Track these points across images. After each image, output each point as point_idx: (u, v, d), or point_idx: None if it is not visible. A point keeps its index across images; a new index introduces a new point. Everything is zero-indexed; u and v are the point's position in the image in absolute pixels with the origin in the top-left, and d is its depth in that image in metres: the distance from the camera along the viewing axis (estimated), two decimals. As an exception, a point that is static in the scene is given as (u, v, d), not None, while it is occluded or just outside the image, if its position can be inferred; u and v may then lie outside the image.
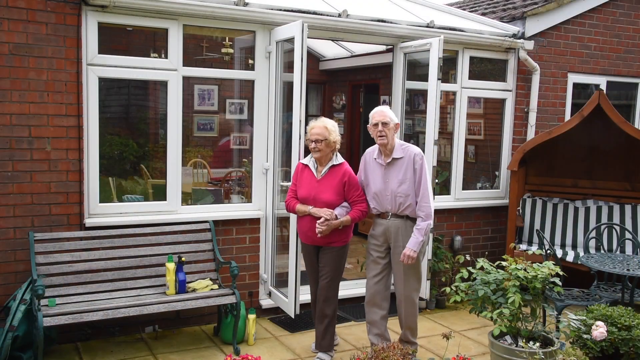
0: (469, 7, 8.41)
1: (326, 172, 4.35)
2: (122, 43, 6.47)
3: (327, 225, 4.21)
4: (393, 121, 4.26)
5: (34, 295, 4.07)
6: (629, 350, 3.80)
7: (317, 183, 4.35)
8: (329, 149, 4.32)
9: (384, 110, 4.31)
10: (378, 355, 3.21)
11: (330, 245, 4.37)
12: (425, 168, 4.26)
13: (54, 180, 4.58)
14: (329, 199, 4.30)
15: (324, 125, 4.31)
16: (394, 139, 4.31)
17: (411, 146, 4.33)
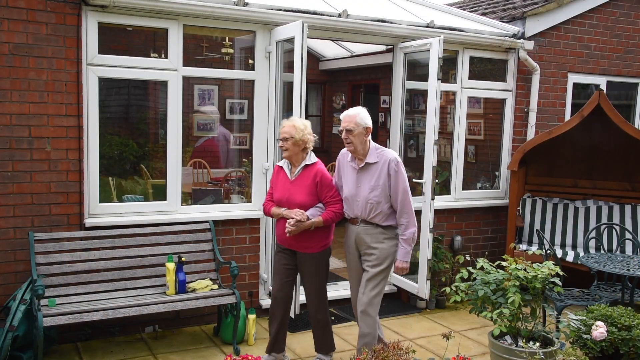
0: (469, 7, 8.41)
1: (299, 173, 4.17)
2: (122, 43, 6.47)
3: (296, 225, 4.02)
4: (361, 126, 3.99)
5: (34, 295, 4.07)
6: (629, 351, 3.80)
7: (290, 184, 4.19)
8: (297, 148, 4.12)
9: (350, 114, 4.05)
10: (378, 355, 3.21)
11: (308, 251, 4.18)
12: (402, 173, 4.04)
13: (54, 180, 4.58)
14: (302, 200, 4.12)
15: (293, 124, 4.13)
16: (366, 143, 4.06)
17: (387, 151, 4.11)
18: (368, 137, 4.06)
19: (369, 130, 4.05)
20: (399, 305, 5.98)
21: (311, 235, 4.12)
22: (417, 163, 6.39)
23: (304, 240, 4.14)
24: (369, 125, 4.04)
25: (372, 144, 4.10)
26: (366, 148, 4.07)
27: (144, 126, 7.52)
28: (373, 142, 4.12)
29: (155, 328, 5.03)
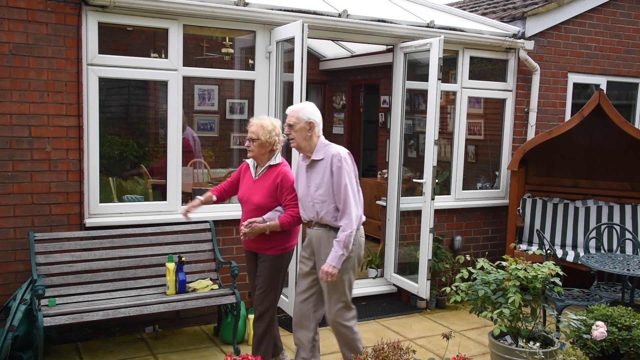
0: (469, 7, 8.41)
1: (263, 173, 3.99)
2: (122, 43, 6.48)
3: (250, 228, 3.82)
4: (303, 120, 3.74)
5: (34, 295, 4.07)
6: (629, 350, 3.80)
7: (252, 183, 4.01)
8: (263, 150, 3.94)
9: (294, 109, 3.84)
10: (378, 355, 3.21)
11: (265, 252, 3.99)
12: (345, 170, 3.70)
13: (54, 180, 4.58)
14: (259, 200, 3.92)
15: (261, 123, 3.94)
16: (311, 139, 3.78)
17: (333, 146, 3.81)
18: (312, 132, 3.77)
19: (313, 125, 3.76)
20: (399, 305, 5.98)
21: (268, 238, 3.92)
22: (417, 163, 6.39)
23: (262, 242, 3.95)
24: (312, 119, 3.76)
25: (321, 141, 3.82)
26: (312, 144, 3.80)
27: (144, 126, 7.52)
28: (324, 139, 3.85)
29: (156, 328, 5.03)
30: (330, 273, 3.68)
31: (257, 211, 3.92)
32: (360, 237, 3.89)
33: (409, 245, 6.16)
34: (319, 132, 3.84)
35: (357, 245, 3.83)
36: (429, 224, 5.61)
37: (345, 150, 3.80)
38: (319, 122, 3.82)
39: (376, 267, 6.32)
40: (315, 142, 3.81)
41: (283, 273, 4.07)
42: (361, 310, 5.77)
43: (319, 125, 3.82)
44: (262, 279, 4.00)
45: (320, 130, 3.85)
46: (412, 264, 6.02)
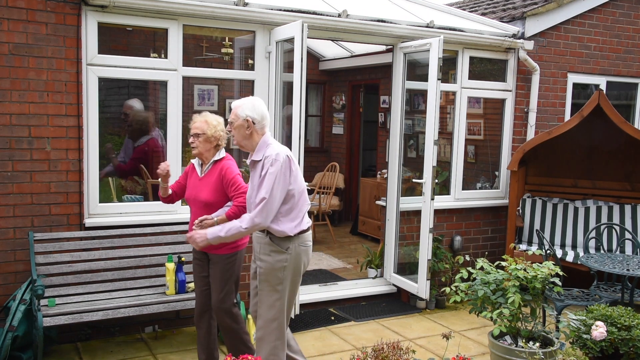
0: (469, 7, 8.42)
1: (208, 170, 3.93)
2: (122, 43, 6.47)
3: (200, 227, 3.69)
4: (240, 118, 3.49)
5: (34, 295, 4.07)
6: (629, 351, 3.80)
7: (199, 182, 3.94)
8: (209, 145, 3.89)
9: (234, 106, 3.59)
10: (378, 355, 3.21)
11: (216, 252, 3.87)
12: (270, 172, 3.39)
13: (53, 180, 4.58)
14: (206, 197, 3.86)
15: (205, 119, 3.89)
16: (251, 137, 3.53)
17: (273, 146, 3.51)
18: (251, 130, 3.51)
19: (250, 122, 3.49)
20: (399, 305, 5.98)
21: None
22: (417, 163, 6.39)
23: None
24: (250, 116, 3.49)
25: (263, 139, 3.54)
26: (253, 143, 3.54)
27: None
28: (269, 137, 3.58)
29: (155, 328, 5.03)
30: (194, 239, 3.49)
31: (207, 209, 3.84)
32: (301, 245, 3.57)
33: (408, 245, 6.16)
34: (262, 130, 3.55)
35: (295, 253, 3.54)
36: (428, 224, 5.61)
37: (285, 152, 3.47)
38: (261, 119, 3.52)
39: (376, 267, 6.32)
40: (256, 141, 3.54)
41: (237, 272, 3.97)
42: (361, 310, 5.78)
43: (261, 122, 3.53)
44: (217, 282, 3.90)
45: (264, 128, 3.56)
46: (412, 264, 6.02)
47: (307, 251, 3.65)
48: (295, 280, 3.62)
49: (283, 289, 3.55)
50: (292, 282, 3.59)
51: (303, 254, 3.60)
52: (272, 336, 3.56)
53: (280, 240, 3.51)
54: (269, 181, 3.38)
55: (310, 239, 3.68)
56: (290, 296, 3.63)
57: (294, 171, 3.51)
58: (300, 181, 3.57)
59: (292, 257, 3.54)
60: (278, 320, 3.57)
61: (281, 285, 3.54)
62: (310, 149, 9.99)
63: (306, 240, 3.63)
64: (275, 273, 3.52)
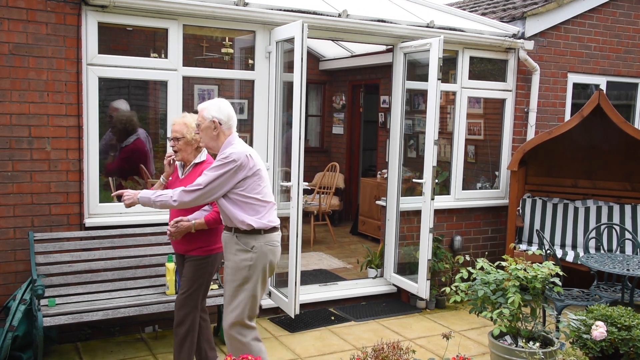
0: (469, 7, 8.42)
1: (188, 172, 3.88)
2: (122, 43, 6.47)
3: (176, 228, 3.70)
4: (207, 119, 3.52)
5: (34, 295, 4.07)
6: (629, 351, 3.80)
7: (179, 183, 3.86)
8: (190, 148, 3.84)
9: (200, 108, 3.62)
10: (378, 355, 3.21)
11: (191, 253, 3.84)
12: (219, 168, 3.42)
13: (53, 180, 4.58)
14: None
15: (184, 121, 3.83)
16: (217, 138, 3.54)
17: (233, 146, 3.52)
18: (218, 131, 3.52)
19: (217, 124, 3.51)
20: (399, 305, 5.98)
21: (194, 238, 3.79)
22: (417, 163, 6.39)
23: (188, 243, 3.82)
24: (216, 118, 3.51)
25: (228, 140, 3.55)
26: (219, 144, 3.56)
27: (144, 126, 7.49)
28: (234, 138, 3.57)
29: (155, 328, 5.03)
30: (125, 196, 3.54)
31: (182, 211, 3.78)
32: (267, 244, 3.57)
33: (408, 245, 6.16)
34: (229, 131, 3.57)
35: (260, 252, 3.54)
36: (428, 224, 5.61)
37: (242, 153, 3.45)
38: (227, 120, 3.54)
39: (376, 267, 6.32)
40: (223, 142, 3.56)
41: (208, 276, 3.90)
42: (361, 310, 5.78)
43: (227, 123, 3.54)
44: (185, 280, 3.84)
45: (231, 129, 3.58)
46: (412, 264, 6.02)
47: (274, 251, 3.61)
48: (263, 280, 3.59)
49: (247, 288, 3.54)
50: (259, 282, 3.57)
51: (269, 253, 3.57)
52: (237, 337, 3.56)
53: (246, 238, 3.52)
54: (213, 175, 3.41)
55: (278, 239, 3.64)
56: (255, 295, 3.60)
57: (254, 169, 3.48)
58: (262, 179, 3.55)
59: (258, 256, 3.52)
60: (241, 319, 3.57)
61: (246, 285, 3.53)
62: (311, 149, 9.99)
63: (273, 240, 3.60)
64: (241, 272, 3.52)
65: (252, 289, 3.56)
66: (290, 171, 5.04)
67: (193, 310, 3.86)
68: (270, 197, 3.63)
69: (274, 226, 3.62)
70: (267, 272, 3.62)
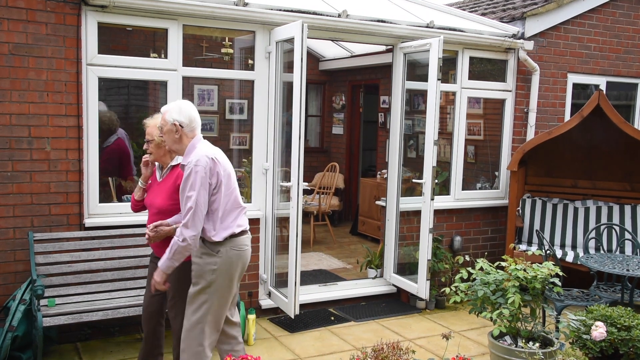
0: (469, 7, 8.42)
1: (165, 174, 3.76)
2: (122, 43, 6.47)
3: (155, 232, 3.58)
4: (169, 122, 3.43)
5: (34, 295, 4.07)
6: (629, 351, 3.80)
7: (157, 186, 3.79)
8: (161, 151, 3.71)
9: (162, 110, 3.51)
10: (378, 356, 3.21)
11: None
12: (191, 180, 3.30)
13: (53, 180, 4.58)
14: (161, 203, 3.69)
15: (155, 123, 3.68)
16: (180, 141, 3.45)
17: (197, 150, 3.40)
18: (180, 134, 3.42)
19: (178, 127, 3.40)
20: (399, 305, 5.98)
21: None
22: (416, 163, 6.39)
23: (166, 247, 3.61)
24: (177, 120, 3.40)
25: (192, 143, 3.44)
26: (183, 147, 3.45)
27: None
28: (198, 140, 3.47)
29: (155, 328, 5.03)
30: (157, 281, 3.41)
31: (160, 215, 3.67)
32: (234, 248, 3.47)
33: (408, 246, 6.16)
34: (192, 133, 3.46)
35: (226, 257, 3.44)
36: (428, 224, 5.61)
37: (204, 157, 3.34)
38: (189, 122, 3.43)
39: (376, 268, 6.32)
40: (186, 145, 3.45)
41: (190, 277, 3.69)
42: (361, 310, 5.78)
43: (189, 125, 3.43)
44: (171, 289, 3.70)
45: (195, 131, 3.47)
46: (412, 264, 6.02)
47: (241, 255, 3.51)
48: (228, 284, 3.49)
49: (211, 292, 3.44)
50: (224, 287, 3.48)
51: (236, 257, 3.48)
52: (194, 341, 3.46)
53: (212, 242, 3.44)
54: (192, 190, 3.29)
55: (246, 242, 3.56)
56: (222, 302, 3.50)
57: (221, 173, 3.38)
58: (230, 183, 3.45)
59: (223, 260, 3.43)
60: (201, 324, 3.46)
61: (209, 289, 3.44)
62: (310, 149, 9.99)
63: (240, 244, 3.51)
64: (204, 276, 3.44)
65: (216, 293, 3.45)
66: (290, 171, 5.04)
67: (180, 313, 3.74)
68: (240, 201, 3.53)
69: (242, 230, 3.52)
70: (234, 277, 3.52)
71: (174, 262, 3.39)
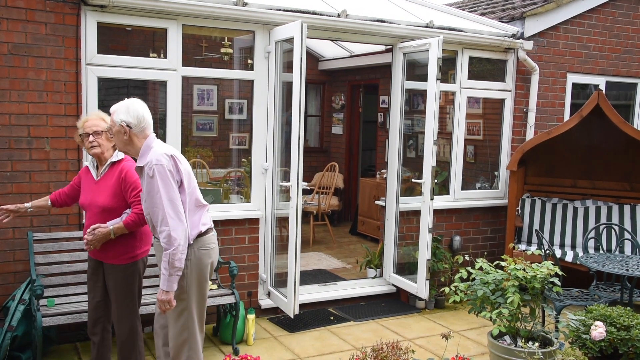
0: (469, 7, 8.42)
1: (105, 172, 3.62)
2: (121, 43, 6.48)
3: (93, 235, 3.45)
4: (117, 123, 3.28)
5: (33, 295, 4.06)
6: (628, 350, 3.80)
7: (95, 185, 3.62)
8: (110, 143, 3.60)
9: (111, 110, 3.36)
10: (377, 356, 3.22)
11: (112, 262, 3.59)
12: (157, 179, 3.14)
13: (53, 180, 4.58)
14: (105, 202, 3.54)
15: (100, 116, 3.63)
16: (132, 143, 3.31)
17: (154, 150, 3.25)
18: (130, 135, 3.27)
19: (126, 128, 3.25)
20: (398, 305, 5.98)
21: (115, 245, 3.54)
22: (416, 163, 6.40)
23: (107, 250, 3.55)
24: (125, 121, 3.25)
25: (146, 143, 3.29)
26: (136, 148, 3.30)
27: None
28: (153, 139, 3.32)
29: (155, 328, 5.02)
30: (163, 300, 3.18)
31: (104, 214, 3.55)
32: (201, 249, 3.36)
33: (408, 246, 6.16)
34: (143, 133, 3.30)
35: (195, 258, 3.32)
36: (428, 224, 5.61)
37: (163, 155, 3.20)
38: (138, 122, 3.27)
39: (375, 267, 6.32)
40: (139, 146, 3.29)
41: (138, 284, 3.70)
42: (360, 310, 5.78)
43: (139, 126, 3.27)
44: (116, 294, 3.62)
45: (146, 130, 3.31)
46: (411, 264, 6.02)
47: (210, 254, 3.41)
48: (202, 286, 3.39)
49: (188, 297, 3.33)
50: (199, 288, 3.38)
51: (205, 257, 3.37)
52: (184, 347, 3.37)
53: None
54: (161, 189, 3.14)
55: (213, 240, 3.45)
56: (200, 303, 3.42)
57: (182, 172, 3.26)
58: (191, 182, 3.34)
59: (193, 262, 3.31)
60: (188, 329, 3.37)
61: (185, 294, 3.32)
62: (310, 149, 9.99)
63: (207, 243, 3.40)
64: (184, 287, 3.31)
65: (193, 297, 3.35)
66: (290, 171, 5.04)
67: (134, 319, 3.71)
68: (202, 200, 3.41)
69: (208, 228, 3.42)
70: (206, 277, 3.42)
71: (176, 275, 3.17)
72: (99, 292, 3.73)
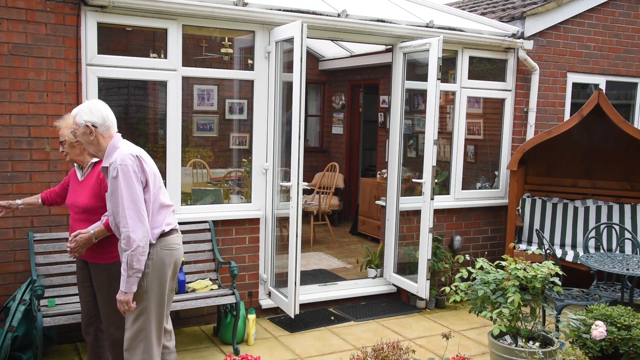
0: (469, 7, 8.42)
1: (87, 173, 3.63)
2: (121, 43, 6.48)
3: (75, 242, 3.42)
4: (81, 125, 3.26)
5: (34, 295, 4.07)
6: (629, 350, 3.80)
7: (78, 186, 3.64)
8: (77, 150, 3.58)
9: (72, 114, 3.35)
10: (378, 355, 3.22)
11: (97, 261, 3.55)
12: (120, 179, 3.12)
13: (53, 181, 4.57)
14: (85, 202, 3.53)
15: (66, 124, 3.58)
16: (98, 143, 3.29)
17: (120, 149, 3.23)
18: (95, 135, 3.26)
19: (91, 128, 3.24)
20: (399, 305, 5.98)
21: (99, 245, 3.51)
22: (416, 163, 6.40)
23: (92, 250, 3.53)
24: (89, 121, 3.24)
25: (112, 143, 3.28)
26: (102, 149, 3.29)
27: (144, 126, 7.52)
28: (118, 139, 3.31)
29: (155, 328, 5.03)
30: (122, 301, 3.17)
31: (85, 214, 3.54)
32: (164, 249, 3.31)
33: (408, 245, 6.16)
34: (110, 133, 3.30)
35: (157, 258, 3.27)
36: (428, 224, 5.61)
37: (128, 155, 3.18)
38: (102, 122, 3.27)
39: (376, 267, 6.32)
40: (104, 146, 3.28)
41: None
42: (361, 310, 5.78)
43: (103, 125, 3.27)
44: (100, 292, 3.57)
45: (110, 129, 3.31)
46: (412, 263, 6.02)
47: (173, 254, 3.36)
48: (162, 286, 3.33)
49: (147, 297, 3.27)
50: (160, 289, 3.31)
51: (167, 257, 3.32)
52: (138, 350, 3.30)
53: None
54: (124, 189, 3.12)
55: (177, 241, 3.41)
56: (160, 304, 3.34)
57: (147, 172, 3.23)
58: (156, 182, 3.32)
59: (154, 262, 3.26)
60: (145, 331, 3.30)
61: (145, 294, 3.26)
62: (310, 149, 10.00)
63: (171, 243, 3.35)
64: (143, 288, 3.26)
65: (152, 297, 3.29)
66: (290, 171, 5.04)
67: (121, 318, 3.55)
68: (167, 200, 3.40)
69: (172, 228, 3.38)
70: (167, 278, 3.35)
71: (134, 276, 3.15)
72: (87, 291, 3.72)
